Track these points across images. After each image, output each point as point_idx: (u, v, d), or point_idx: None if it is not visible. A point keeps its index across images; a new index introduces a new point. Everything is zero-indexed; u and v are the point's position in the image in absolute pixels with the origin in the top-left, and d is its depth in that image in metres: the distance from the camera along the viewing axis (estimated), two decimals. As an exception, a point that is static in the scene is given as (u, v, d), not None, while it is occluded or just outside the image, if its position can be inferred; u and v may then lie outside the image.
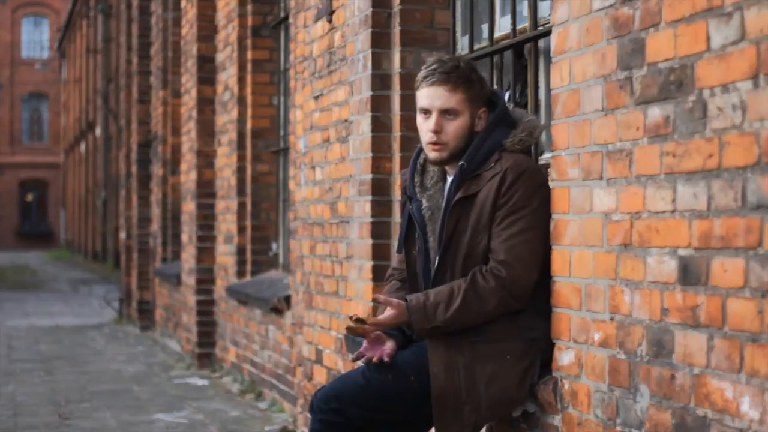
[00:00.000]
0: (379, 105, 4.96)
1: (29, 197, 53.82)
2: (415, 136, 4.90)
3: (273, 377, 7.85)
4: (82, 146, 37.99)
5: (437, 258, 3.51)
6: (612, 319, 3.10)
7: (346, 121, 5.29)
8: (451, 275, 3.48)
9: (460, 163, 3.49)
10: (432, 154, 3.54)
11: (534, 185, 3.43)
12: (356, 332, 3.54)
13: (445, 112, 3.49)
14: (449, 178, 3.57)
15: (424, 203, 3.60)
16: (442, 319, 3.39)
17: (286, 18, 8.46)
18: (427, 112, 3.52)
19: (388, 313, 3.50)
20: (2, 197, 52.84)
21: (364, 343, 3.58)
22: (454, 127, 3.50)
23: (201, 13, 9.97)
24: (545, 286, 3.43)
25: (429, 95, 3.50)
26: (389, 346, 3.55)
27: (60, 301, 19.03)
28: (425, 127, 3.53)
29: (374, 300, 3.60)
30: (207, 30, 9.93)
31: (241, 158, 9.01)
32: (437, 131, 3.49)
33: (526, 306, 3.43)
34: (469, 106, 3.51)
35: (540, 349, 3.44)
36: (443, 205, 3.54)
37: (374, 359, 3.49)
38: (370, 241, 4.95)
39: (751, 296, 2.51)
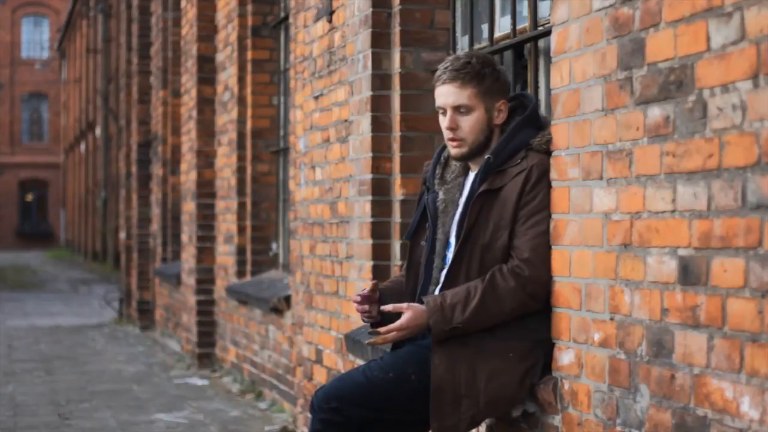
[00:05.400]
0: (379, 105, 4.96)
1: (29, 197, 53.81)
2: (415, 136, 4.92)
3: (273, 377, 7.85)
4: (82, 146, 37.99)
5: (454, 249, 3.52)
6: (612, 319, 3.10)
7: (346, 121, 5.29)
8: (467, 268, 3.49)
9: (486, 156, 3.52)
10: (453, 150, 3.59)
11: None
12: (377, 342, 3.57)
13: (458, 109, 3.54)
14: (471, 174, 3.61)
15: (440, 195, 3.65)
16: (460, 320, 3.40)
17: (286, 18, 8.46)
18: (443, 110, 3.57)
19: (403, 317, 3.49)
20: (2, 197, 52.83)
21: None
22: (469, 122, 3.54)
23: (201, 13, 9.96)
24: None
25: (442, 93, 3.57)
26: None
27: (60, 301, 19.02)
28: (443, 124, 3.59)
29: (383, 312, 3.59)
30: (207, 30, 9.93)
31: (241, 158, 9.01)
32: (452, 128, 3.55)
33: (543, 307, 3.44)
34: (482, 100, 3.54)
35: (544, 352, 3.44)
36: (464, 197, 3.58)
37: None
38: (370, 241, 4.95)
39: (751, 296, 2.51)
